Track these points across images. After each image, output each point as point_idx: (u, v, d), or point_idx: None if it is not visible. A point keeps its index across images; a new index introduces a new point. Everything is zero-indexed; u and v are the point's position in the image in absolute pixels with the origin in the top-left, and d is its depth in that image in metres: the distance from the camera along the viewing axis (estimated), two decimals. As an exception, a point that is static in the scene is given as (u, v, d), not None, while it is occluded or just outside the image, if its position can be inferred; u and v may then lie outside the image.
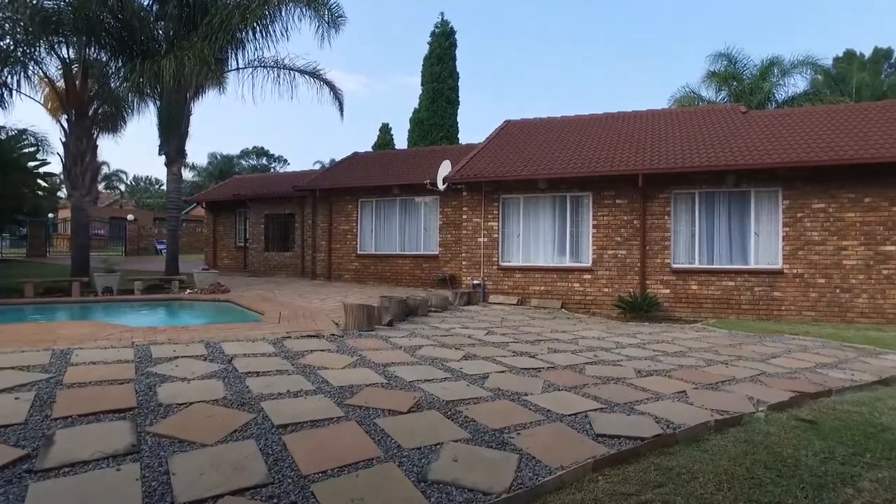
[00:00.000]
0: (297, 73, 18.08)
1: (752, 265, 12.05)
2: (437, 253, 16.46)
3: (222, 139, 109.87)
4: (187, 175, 57.12)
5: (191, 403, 4.33)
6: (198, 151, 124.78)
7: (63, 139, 14.80)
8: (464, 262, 14.38)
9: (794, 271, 11.64)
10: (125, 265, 24.19)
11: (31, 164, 24.90)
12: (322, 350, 6.51)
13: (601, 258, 13.10)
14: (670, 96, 26.37)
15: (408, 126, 33.29)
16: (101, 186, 61.34)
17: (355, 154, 21.60)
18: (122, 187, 65.64)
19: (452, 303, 12.42)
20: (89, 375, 4.91)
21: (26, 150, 24.65)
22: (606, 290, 13.02)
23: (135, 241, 32.49)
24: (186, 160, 16.54)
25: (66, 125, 14.80)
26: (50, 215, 42.46)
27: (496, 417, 4.31)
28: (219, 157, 58.78)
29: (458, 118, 32.77)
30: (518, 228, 13.93)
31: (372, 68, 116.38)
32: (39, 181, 24.21)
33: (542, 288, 13.58)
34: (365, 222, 17.89)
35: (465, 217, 14.35)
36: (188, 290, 13.80)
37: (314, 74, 18.23)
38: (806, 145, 11.98)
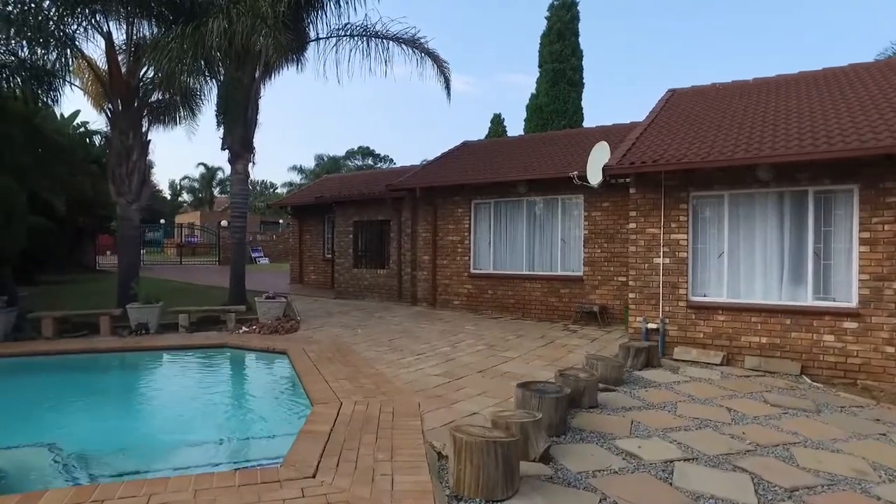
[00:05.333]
0: (391, 43, 14.21)
1: None
2: (581, 275, 11.69)
3: (332, 141, 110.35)
4: (295, 177, 56.48)
5: None
6: (306, 154, 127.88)
7: (107, 133, 11.84)
8: (633, 294, 9.46)
9: None
10: (209, 278, 21.91)
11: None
12: None
13: (879, 295, 7.71)
14: (877, 55, 19.42)
15: (524, 115, 28.62)
16: (215, 191, 62.60)
17: (465, 144, 17.26)
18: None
19: (625, 364, 7.72)
20: None
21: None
22: (889, 349, 7.62)
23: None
24: (255, 157, 13.11)
25: (110, 116, 11.84)
26: (161, 221, 42.78)
27: None
28: (325, 158, 57.53)
29: (583, 103, 27.61)
30: (721, 243, 8.85)
31: (481, 68, 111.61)
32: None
33: (763, 340, 8.42)
34: (480, 231, 13.49)
35: (632, 225, 9.45)
36: (243, 328, 10.22)
37: (413, 44, 14.27)
38: None
